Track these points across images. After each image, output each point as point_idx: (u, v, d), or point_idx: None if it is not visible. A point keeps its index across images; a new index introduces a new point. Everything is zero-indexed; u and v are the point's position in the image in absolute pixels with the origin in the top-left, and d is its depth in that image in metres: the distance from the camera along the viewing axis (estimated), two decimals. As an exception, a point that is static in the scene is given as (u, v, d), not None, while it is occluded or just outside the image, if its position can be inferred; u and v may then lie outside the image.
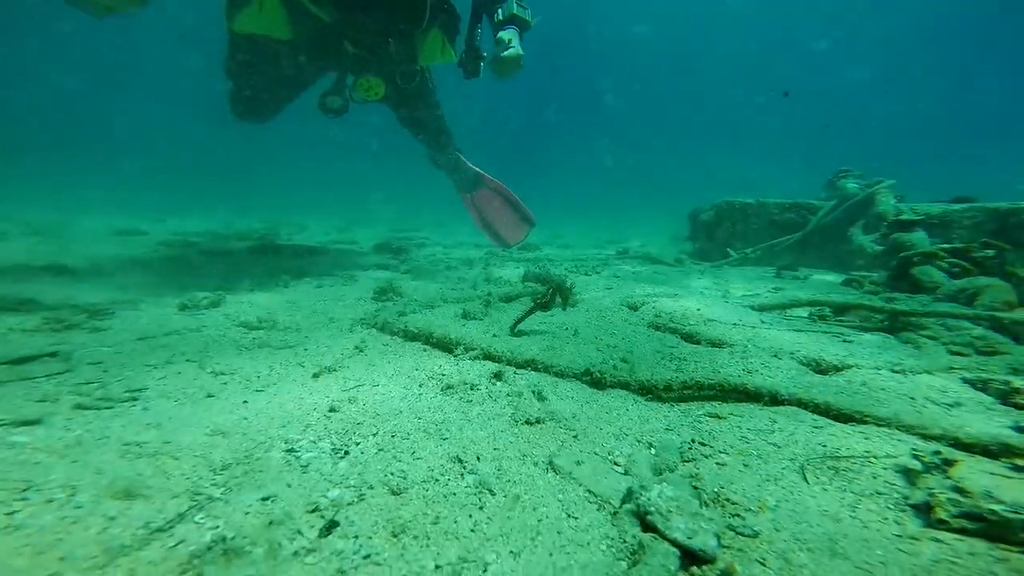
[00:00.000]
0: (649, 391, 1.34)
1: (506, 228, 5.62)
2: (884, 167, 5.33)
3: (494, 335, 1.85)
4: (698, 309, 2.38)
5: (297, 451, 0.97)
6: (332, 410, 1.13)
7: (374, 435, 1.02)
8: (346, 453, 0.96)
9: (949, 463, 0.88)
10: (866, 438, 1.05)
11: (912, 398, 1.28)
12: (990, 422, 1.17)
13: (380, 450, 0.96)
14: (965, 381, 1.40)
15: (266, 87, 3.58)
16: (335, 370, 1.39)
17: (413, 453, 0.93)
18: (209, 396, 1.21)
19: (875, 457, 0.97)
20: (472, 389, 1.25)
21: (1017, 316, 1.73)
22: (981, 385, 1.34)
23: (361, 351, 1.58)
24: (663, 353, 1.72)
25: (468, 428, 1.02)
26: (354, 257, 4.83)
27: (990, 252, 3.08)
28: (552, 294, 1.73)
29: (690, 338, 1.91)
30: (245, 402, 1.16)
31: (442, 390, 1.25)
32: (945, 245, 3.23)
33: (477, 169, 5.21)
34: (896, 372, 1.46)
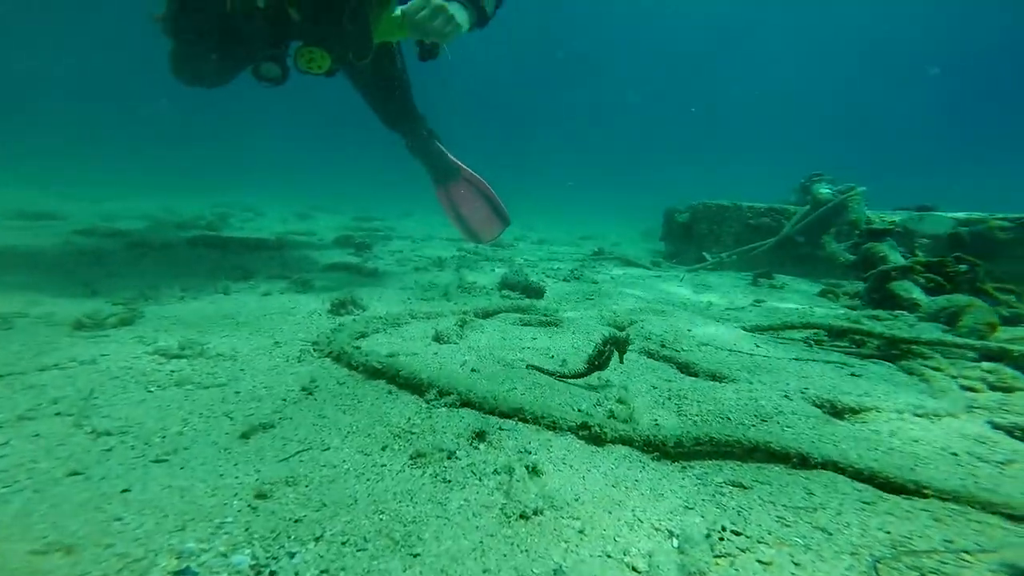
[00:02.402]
0: (656, 448, 1.14)
1: (480, 224, 5.34)
2: (852, 172, 5.45)
3: (472, 369, 1.59)
4: (689, 330, 2.23)
5: (195, 573, 0.67)
6: (261, 496, 0.83)
7: (316, 540, 0.74)
8: (272, 575, 0.68)
9: None
10: (936, 519, 0.88)
11: (955, 454, 1.15)
12: None
13: (323, 572, 0.68)
14: (995, 427, 1.29)
15: (208, 49, 3.14)
16: (272, 426, 1.08)
17: None
18: (73, 475, 0.86)
19: (967, 552, 0.80)
20: (450, 458, 0.99)
21: None
22: (1019, 433, 1.23)
23: (309, 394, 1.27)
24: (660, 389, 1.53)
25: (447, 532, 0.76)
26: (311, 253, 4.39)
27: (963, 267, 3.13)
28: (609, 349, 1.43)
29: (686, 368, 1.73)
30: (126, 490, 0.83)
31: (411, 459, 0.98)
32: (921, 259, 3.27)
33: (455, 159, 4.89)
34: (920, 416, 1.33)
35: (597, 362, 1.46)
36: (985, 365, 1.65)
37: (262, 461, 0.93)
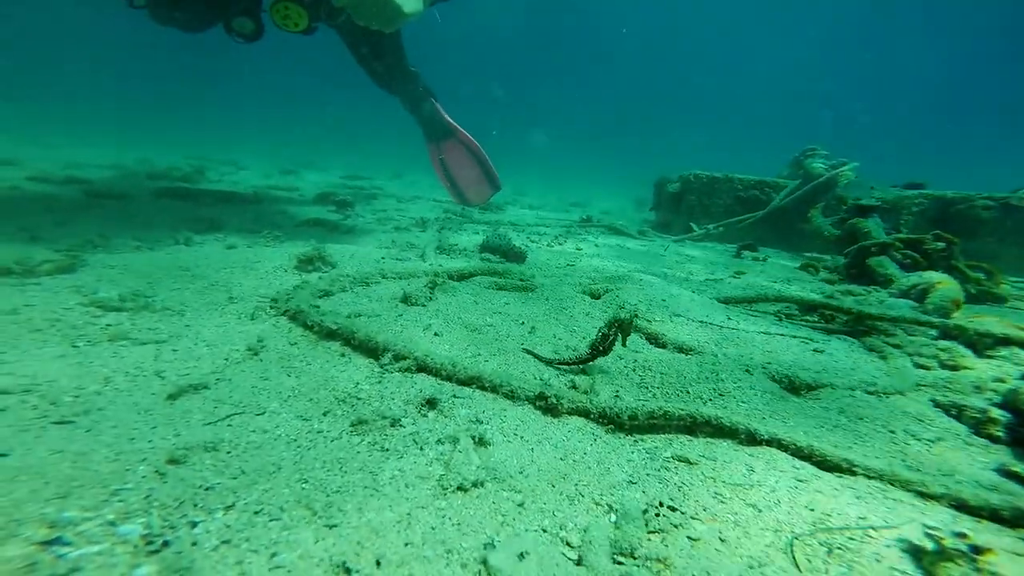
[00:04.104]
0: (611, 420, 1.13)
1: (470, 187, 5.21)
2: (847, 149, 5.33)
3: (436, 333, 1.55)
4: (663, 300, 2.21)
5: (67, 543, 0.62)
6: (173, 461, 0.79)
7: (227, 510, 0.71)
8: (164, 545, 0.64)
9: (978, 551, 0.73)
10: (857, 497, 0.90)
11: (892, 431, 1.17)
12: (973, 462, 1.08)
13: (224, 542, 0.65)
14: (936, 405, 1.31)
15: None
16: (206, 387, 1.03)
17: (273, 554, 0.63)
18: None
19: (873, 529, 0.82)
20: (393, 426, 0.97)
21: (981, 327, 1.69)
22: (955, 412, 1.26)
23: (255, 354, 1.22)
24: (626, 360, 1.53)
25: (372, 504, 0.75)
26: (289, 208, 4.22)
27: (940, 245, 3.14)
28: (614, 333, 1.28)
29: (655, 339, 1.72)
30: (1, 455, 0.76)
31: (352, 426, 0.96)
32: (901, 235, 3.26)
33: (450, 120, 4.70)
34: (870, 394, 1.35)
35: (602, 346, 1.30)
36: (941, 343, 1.67)
37: (186, 424, 0.89)
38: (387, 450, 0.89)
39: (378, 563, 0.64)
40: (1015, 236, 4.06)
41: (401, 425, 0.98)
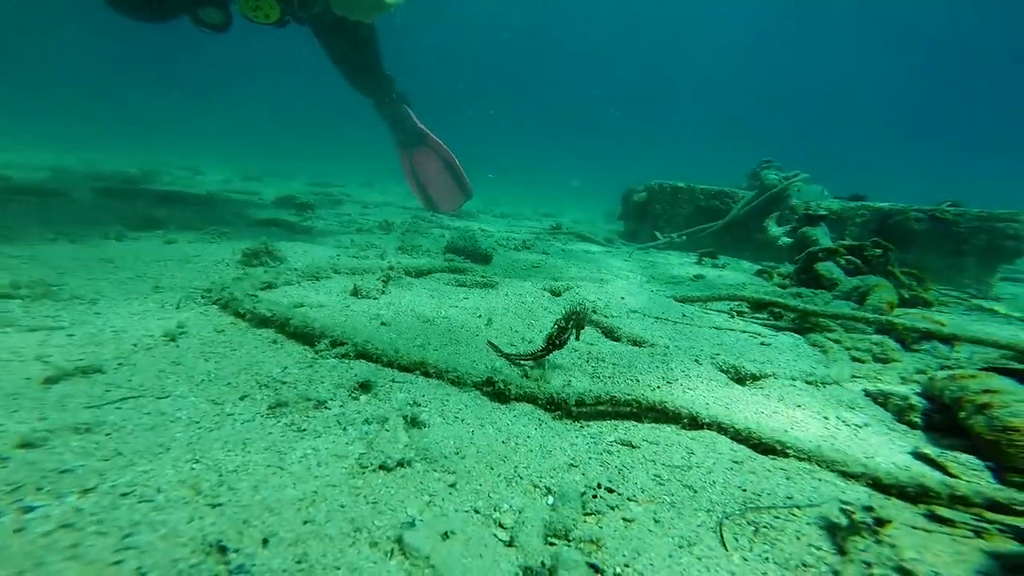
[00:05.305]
0: (558, 406, 1.10)
1: (441, 194, 5.17)
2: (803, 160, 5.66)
3: (383, 323, 1.48)
4: (622, 298, 2.22)
5: None
6: (26, 444, 0.69)
7: (83, 492, 0.62)
8: None
9: (881, 522, 0.74)
10: (787, 478, 0.90)
11: (826, 418, 1.19)
12: (893, 446, 1.11)
13: (64, 526, 0.56)
14: (867, 394, 1.36)
15: None
16: (100, 371, 0.92)
17: (127, 535, 0.55)
18: None
19: (798, 507, 0.81)
20: (317, 407, 0.90)
21: (908, 323, 1.78)
22: (882, 399, 1.30)
23: (172, 340, 1.12)
24: (581, 352, 1.51)
25: (272, 482, 0.67)
26: (245, 209, 4.03)
27: (878, 251, 3.34)
28: (571, 327, 1.25)
29: (611, 333, 1.71)
30: None
31: (269, 408, 0.88)
32: (845, 243, 3.45)
33: (422, 126, 4.66)
34: (809, 383, 1.38)
35: (557, 340, 1.27)
36: (875, 337, 1.75)
37: (59, 408, 0.79)
38: (304, 430, 0.81)
39: (265, 541, 0.57)
40: (941, 247, 4.39)
41: (326, 407, 0.90)
